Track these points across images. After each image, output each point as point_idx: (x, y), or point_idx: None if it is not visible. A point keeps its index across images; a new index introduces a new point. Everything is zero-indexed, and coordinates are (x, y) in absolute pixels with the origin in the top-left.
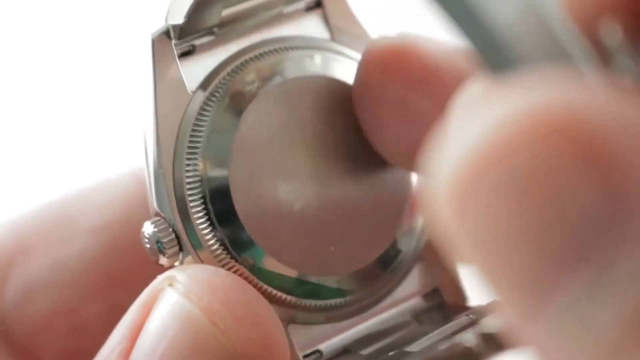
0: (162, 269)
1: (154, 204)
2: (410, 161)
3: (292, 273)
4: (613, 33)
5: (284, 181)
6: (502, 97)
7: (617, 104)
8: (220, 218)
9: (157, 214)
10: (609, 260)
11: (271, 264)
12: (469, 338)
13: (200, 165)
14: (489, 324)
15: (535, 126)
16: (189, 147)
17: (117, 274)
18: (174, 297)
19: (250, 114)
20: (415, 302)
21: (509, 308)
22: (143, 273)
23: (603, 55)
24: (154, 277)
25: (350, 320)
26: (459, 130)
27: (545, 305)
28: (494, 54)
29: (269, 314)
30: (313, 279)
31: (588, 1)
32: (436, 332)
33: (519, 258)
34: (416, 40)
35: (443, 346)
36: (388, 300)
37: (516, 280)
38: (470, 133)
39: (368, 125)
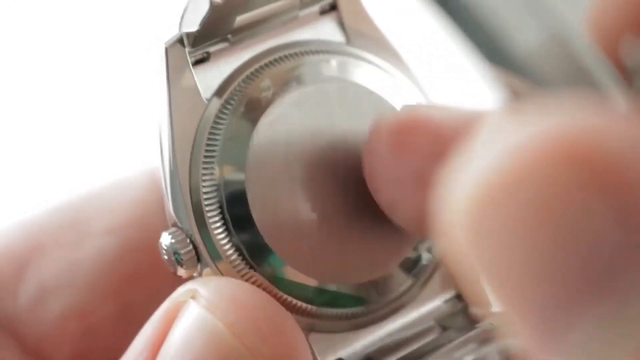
0: (181, 280)
1: (171, 213)
2: (427, 229)
3: (311, 282)
4: (636, 53)
5: (302, 188)
6: (519, 124)
7: (633, 129)
8: (237, 227)
9: (174, 224)
10: (627, 293)
11: (291, 273)
12: (492, 356)
13: (217, 174)
14: (511, 343)
15: (550, 154)
16: (205, 156)
17: (131, 275)
18: (198, 312)
19: (267, 120)
20: (438, 307)
21: (523, 336)
22: (156, 274)
23: (625, 76)
24: (167, 279)
25: (372, 328)
26: (477, 155)
27: (562, 339)
28: (516, 77)
29: (293, 329)
30: (333, 287)
31: (610, 20)
32: (458, 341)
33: (533, 290)
34: (424, 111)
35: (468, 358)
36: (410, 307)
37: (531, 313)
38: (488, 158)
39: (382, 200)
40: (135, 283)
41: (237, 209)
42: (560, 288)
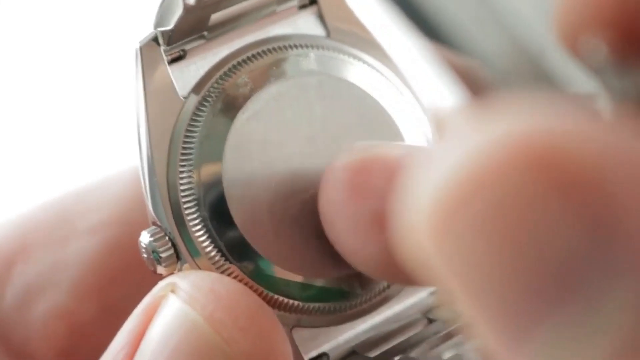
0: (161, 278)
1: (150, 212)
2: (387, 269)
3: (293, 277)
4: (598, 50)
5: (281, 184)
6: (480, 125)
7: (597, 130)
8: (216, 224)
9: (154, 223)
10: (590, 298)
11: (272, 269)
12: (470, 356)
13: (195, 172)
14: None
15: (512, 156)
16: (182, 154)
17: (116, 274)
18: (177, 304)
19: (244, 116)
20: (424, 299)
21: (490, 341)
22: (142, 273)
23: (587, 74)
24: (152, 277)
25: (357, 321)
26: (439, 158)
27: (526, 342)
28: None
29: (272, 323)
30: (316, 281)
31: (571, 18)
32: (443, 333)
33: (498, 293)
34: (380, 150)
35: (448, 354)
36: (396, 300)
37: (496, 316)
38: (449, 162)
39: (341, 247)
40: (120, 282)
41: (215, 207)
42: (523, 291)
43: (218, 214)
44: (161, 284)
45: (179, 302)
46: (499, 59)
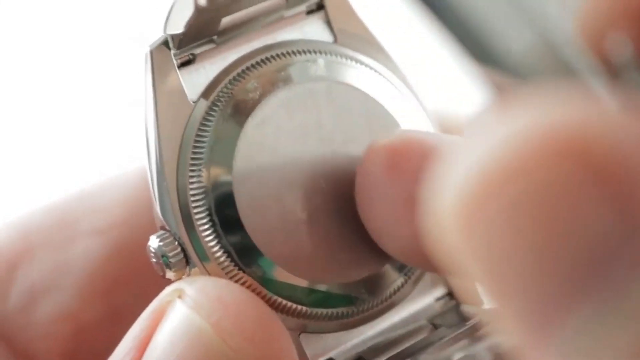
0: (170, 282)
1: (159, 216)
2: (416, 253)
3: (301, 282)
4: (623, 47)
5: (290, 189)
6: (510, 118)
7: (627, 123)
8: (226, 229)
9: (162, 227)
10: (621, 287)
11: (280, 274)
12: (483, 354)
13: (204, 176)
14: (503, 340)
15: (544, 148)
16: (192, 158)
17: (120, 276)
18: (184, 311)
19: (254, 122)
20: (430, 305)
21: (516, 332)
22: (146, 275)
23: (612, 71)
24: (157, 280)
25: (363, 327)
26: (469, 149)
27: (554, 332)
28: (505, 74)
29: (279, 331)
30: (323, 287)
31: (597, 15)
32: (449, 338)
33: (527, 284)
34: (419, 135)
35: (456, 357)
36: (402, 305)
37: (524, 305)
38: (480, 153)
39: (372, 225)
40: (125, 284)
41: (225, 211)
42: (554, 282)
43: (228, 218)
44: (168, 289)
45: (185, 308)
46: (524, 52)
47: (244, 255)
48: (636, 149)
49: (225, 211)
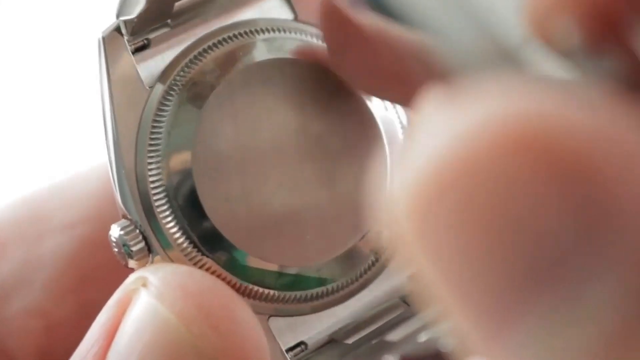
0: (133, 272)
1: (120, 204)
2: (376, 84)
3: (268, 266)
4: (570, 32)
5: (252, 171)
6: (463, 108)
7: (579, 113)
8: (187, 215)
9: (124, 216)
10: (576, 288)
11: (246, 259)
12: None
13: (163, 162)
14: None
15: (496, 141)
16: (150, 144)
17: (91, 271)
18: (148, 300)
19: (212, 105)
20: (402, 283)
21: (468, 332)
22: (117, 270)
23: (560, 57)
24: (128, 274)
25: (335, 309)
26: (421, 141)
27: (508, 334)
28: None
29: (246, 316)
30: (291, 270)
31: (543, 3)
32: (419, 316)
33: (478, 282)
34: None
35: (423, 337)
36: (373, 285)
37: (475, 307)
38: (432, 145)
39: (334, 48)
40: (96, 279)
41: (185, 197)
42: (505, 280)
43: (189, 204)
44: (132, 277)
45: (149, 297)
46: (465, 42)
47: (207, 241)
48: (595, 141)
49: (185, 197)
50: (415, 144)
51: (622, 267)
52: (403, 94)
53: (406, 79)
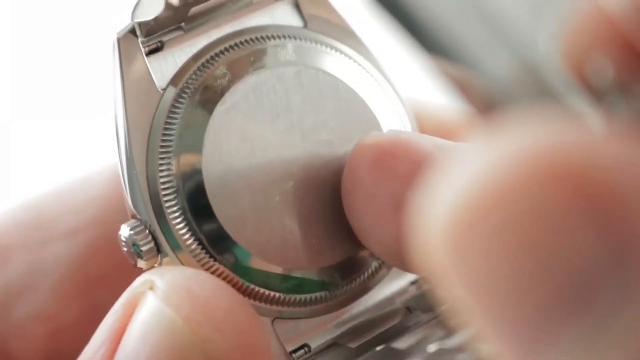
0: (142, 271)
1: (129, 205)
2: (396, 254)
3: (274, 269)
4: (605, 70)
5: (260, 175)
6: (501, 140)
7: (613, 147)
8: (196, 217)
9: (133, 216)
10: (609, 313)
11: (253, 262)
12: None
13: (174, 164)
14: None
15: (532, 172)
16: (162, 146)
17: (96, 275)
18: (155, 303)
19: (223, 108)
20: (405, 289)
21: (501, 354)
22: (122, 274)
23: (595, 94)
24: (133, 278)
25: (339, 312)
26: (457, 172)
27: (542, 358)
28: (487, 100)
29: (251, 319)
30: (297, 273)
31: (579, 37)
32: (423, 324)
33: (512, 307)
34: (407, 135)
35: (433, 348)
36: (376, 290)
37: (509, 330)
38: (469, 175)
39: (357, 222)
40: (101, 283)
41: (195, 199)
42: (539, 306)
43: (198, 206)
44: (139, 279)
45: (156, 300)
46: (504, 75)
47: (215, 243)
48: (623, 175)
49: (195, 199)
50: (455, 170)
51: None
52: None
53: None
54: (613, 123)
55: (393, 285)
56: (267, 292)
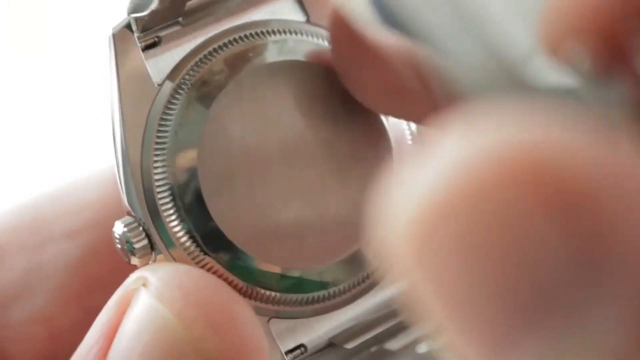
0: (136, 269)
1: (124, 201)
2: (387, 103)
3: (271, 268)
4: (581, 60)
5: (257, 173)
6: (469, 134)
7: (583, 141)
8: (191, 214)
9: (128, 213)
10: (576, 318)
11: (248, 260)
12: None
13: (169, 160)
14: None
15: (497, 171)
16: (157, 142)
17: (94, 278)
18: (148, 300)
19: (220, 104)
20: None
21: (468, 355)
22: (120, 276)
23: (568, 85)
24: None
25: (336, 313)
26: (421, 168)
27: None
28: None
29: (246, 317)
30: (294, 272)
31: (554, 28)
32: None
33: (478, 310)
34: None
35: (423, 349)
36: (375, 290)
37: (473, 335)
38: (436, 170)
39: (345, 69)
40: (99, 285)
41: (190, 196)
42: (505, 309)
43: (193, 203)
44: (132, 276)
45: (149, 297)
46: (474, 63)
47: (210, 240)
48: (593, 173)
49: (190, 196)
50: (419, 167)
51: (621, 295)
52: (410, 111)
53: (413, 97)
54: (587, 116)
55: (391, 287)
56: (263, 291)
